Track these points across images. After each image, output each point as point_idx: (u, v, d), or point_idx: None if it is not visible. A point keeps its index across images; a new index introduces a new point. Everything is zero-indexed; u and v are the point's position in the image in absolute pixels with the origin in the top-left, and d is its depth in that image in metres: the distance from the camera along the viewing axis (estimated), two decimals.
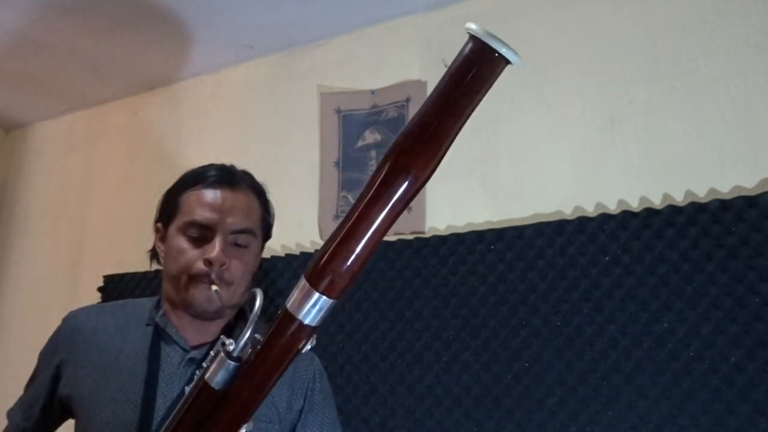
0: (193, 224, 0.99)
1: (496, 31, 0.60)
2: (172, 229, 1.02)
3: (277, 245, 1.74)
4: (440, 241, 1.50)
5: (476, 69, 0.62)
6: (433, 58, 1.70)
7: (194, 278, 0.98)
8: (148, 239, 1.10)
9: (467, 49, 0.62)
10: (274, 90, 1.96)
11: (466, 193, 1.56)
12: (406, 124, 0.65)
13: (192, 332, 1.02)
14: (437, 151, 0.63)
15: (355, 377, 1.49)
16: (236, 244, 1.01)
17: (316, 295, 0.64)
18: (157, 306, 1.07)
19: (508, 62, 0.60)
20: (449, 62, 0.65)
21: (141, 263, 1.16)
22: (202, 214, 0.99)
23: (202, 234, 0.99)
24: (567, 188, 1.44)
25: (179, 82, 2.17)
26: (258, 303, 0.74)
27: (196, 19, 1.83)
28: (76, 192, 2.31)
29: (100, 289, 2.01)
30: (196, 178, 1.04)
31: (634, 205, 1.35)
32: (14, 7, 1.80)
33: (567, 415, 1.25)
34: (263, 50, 1.98)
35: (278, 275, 1.68)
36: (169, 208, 1.05)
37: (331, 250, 0.64)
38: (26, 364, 1.11)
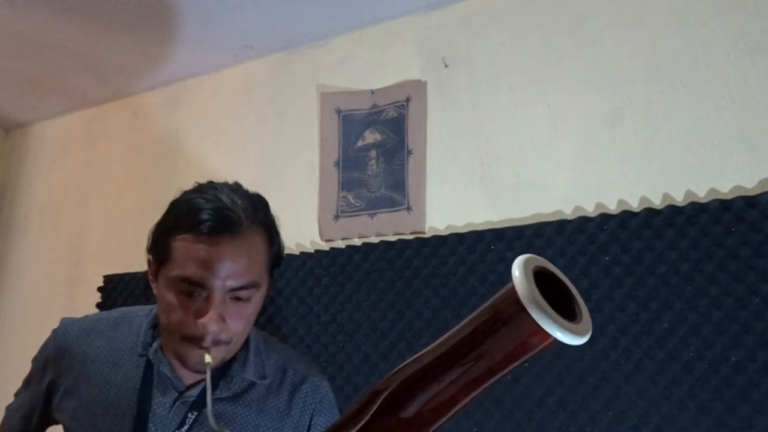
0: (185, 281, 0.85)
1: (496, 30, 0.57)
2: (163, 277, 0.88)
3: None
4: (440, 241, 1.50)
5: (514, 346, 0.44)
6: (433, 58, 1.70)
7: (187, 339, 0.86)
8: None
9: (507, 315, 0.44)
10: (274, 90, 1.96)
11: (466, 193, 1.56)
12: (406, 361, 0.51)
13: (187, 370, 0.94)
14: (435, 421, 0.49)
15: (355, 377, 1.48)
16: (237, 298, 0.87)
17: None
18: (154, 328, 0.99)
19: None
20: (449, 62, 0.58)
21: (141, 263, 1.15)
22: (195, 272, 0.84)
23: (195, 291, 0.85)
24: (567, 188, 1.44)
25: (179, 82, 2.17)
26: None
27: (196, 19, 1.83)
28: (76, 192, 2.31)
29: (100, 289, 2.01)
30: (188, 221, 0.86)
31: (634, 205, 1.35)
32: (15, 7, 1.80)
33: (567, 415, 1.25)
34: (263, 50, 1.98)
35: (278, 275, 1.67)
36: (159, 249, 0.90)
37: None
38: (26, 365, 1.11)
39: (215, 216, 0.86)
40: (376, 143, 1.72)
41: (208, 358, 0.84)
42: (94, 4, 1.78)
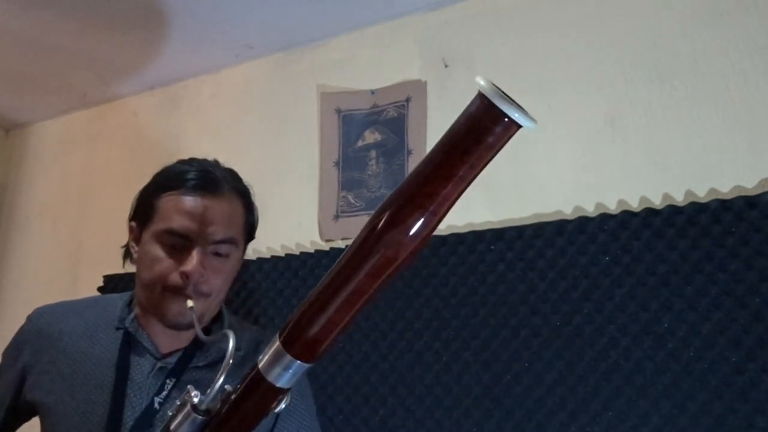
0: (170, 232, 0.93)
1: (496, 30, 0.59)
2: (148, 234, 0.96)
3: (277, 245, 1.73)
4: (440, 241, 1.50)
5: (482, 133, 0.57)
6: (433, 58, 1.70)
7: (169, 289, 0.92)
8: None
9: (474, 108, 0.56)
10: (274, 90, 1.96)
11: (466, 193, 1.56)
12: (401, 182, 0.60)
13: (164, 338, 0.98)
14: (431, 223, 0.58)
15: (355, 377, 1.48)
16: (216, 254, 0.95)
17: (289, 358, 0.59)
18: (129, 305, 1.03)
19: (519, 126, 0.55)
20: (449, 62, 0.63)
21: None
22: (180, 223, 0.92)
23: (179, 243, 0.93)
24: (567, 188, 1.44)
25: (179, 82, 2.17)
26: (230, 347, 0.67)
27: (196, 19, 1.83)
28: (76, 192, 2.31)
29: (100, 289, 2.01)
30: (174, 181, 0.97)
31: (634, 205, 1.35)
32: (14, 7, 1.80)
33: (567, 415, 1.25)
34: (263, 50, 1.98)
35: (278, 275, 1.67)
36: (144, 210, 0.99)
37: (306, 313, 0.58)
38: None
39: (200, 176, 0.97)
40: (376, 143, 1.72)
41: (190, 303, 0.90)
42: (94, 4, 1.78)
